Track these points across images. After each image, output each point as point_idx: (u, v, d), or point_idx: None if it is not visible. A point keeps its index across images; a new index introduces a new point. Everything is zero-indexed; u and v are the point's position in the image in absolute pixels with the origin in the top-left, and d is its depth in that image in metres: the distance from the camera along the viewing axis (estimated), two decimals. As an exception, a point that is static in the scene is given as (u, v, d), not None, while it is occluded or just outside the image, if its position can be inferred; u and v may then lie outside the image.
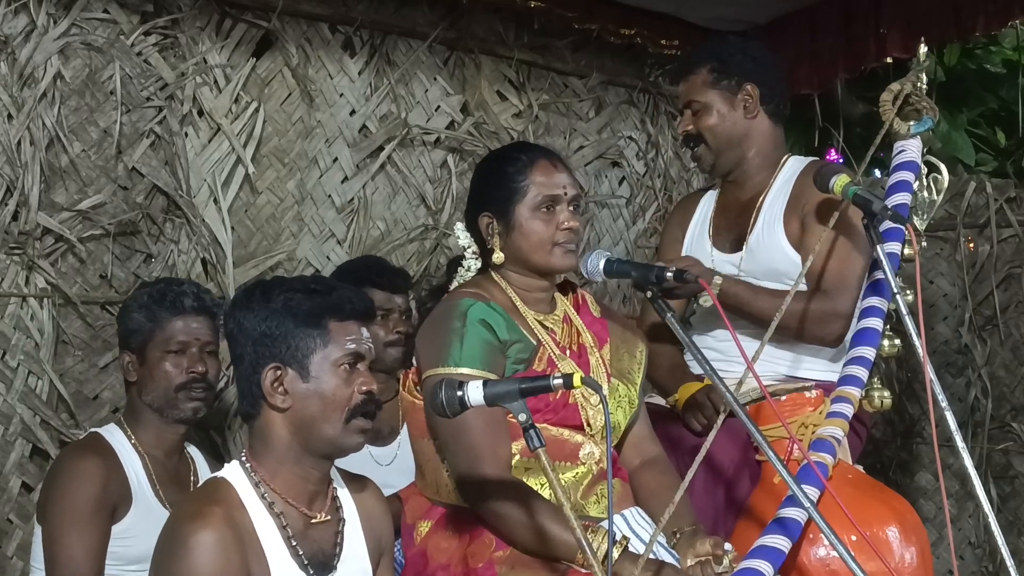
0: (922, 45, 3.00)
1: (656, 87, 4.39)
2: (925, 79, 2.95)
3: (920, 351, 2.27)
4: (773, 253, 2.72)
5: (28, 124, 2.93)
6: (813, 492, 2.23)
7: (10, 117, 2.92)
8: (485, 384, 1.85)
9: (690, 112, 2.82)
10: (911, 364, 4.18)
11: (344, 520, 2.03)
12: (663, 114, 4.42)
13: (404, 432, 2.87)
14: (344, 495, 2.07)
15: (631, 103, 4.36)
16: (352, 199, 3.61)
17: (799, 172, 2.76)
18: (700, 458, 2.09)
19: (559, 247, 2.27)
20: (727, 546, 2.15)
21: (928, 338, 3.02)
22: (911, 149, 2.89)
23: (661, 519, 2.07)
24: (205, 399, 2.57)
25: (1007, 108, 6.16)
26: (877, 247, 2.42)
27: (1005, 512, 4.10)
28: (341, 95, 3.61)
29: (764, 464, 2.54)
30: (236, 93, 3.35)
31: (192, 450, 2.70)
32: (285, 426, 1.93)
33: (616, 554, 2.04)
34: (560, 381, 1.83)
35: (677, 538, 2.20)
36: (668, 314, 2.20)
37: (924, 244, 2.82)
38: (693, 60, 2.88)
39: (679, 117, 2.93)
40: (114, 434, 2.52)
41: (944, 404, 2.27)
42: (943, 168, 2.94)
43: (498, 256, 2.30)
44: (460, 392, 1.85)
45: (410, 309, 3.20)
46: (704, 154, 2.83)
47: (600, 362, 2.33)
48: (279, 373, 1.91)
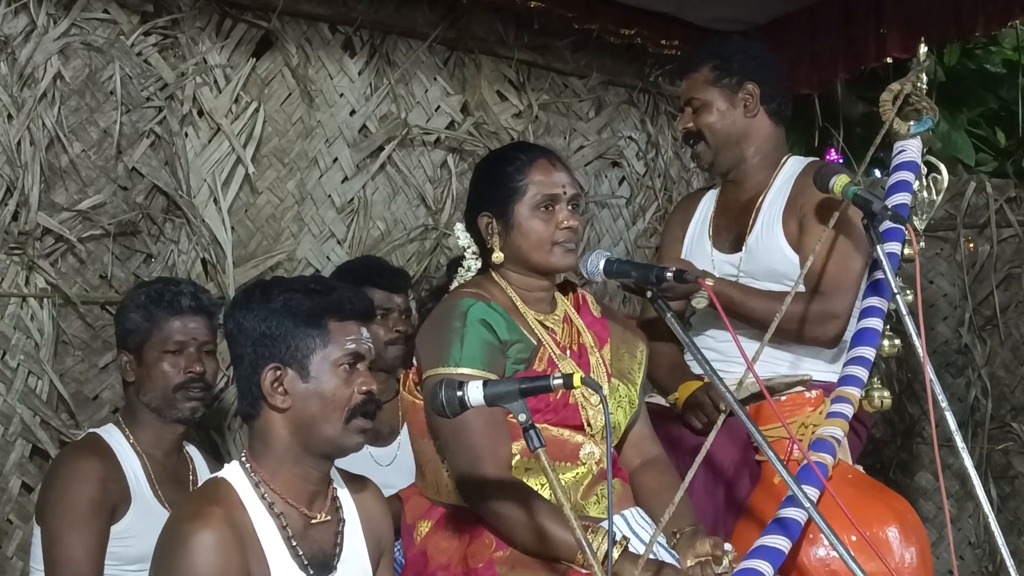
0: (922, 45, 3.00)
1: (656, 87, 4.39)
2: (925, 79, 2.96)
3: (920, 351, 2.27)
4: (772, 254, 2.72)
5: (28, 124, 2.93)
6: (813, 492, 2.23)
7: (10, 117, 2.92)
8: (485, 384, 1.85)
9: (690, 109, 2.83)
10: (911, 364, 4.17)
11: (344, 520, 2.03)
12: (663, 114, 4.42)
13: (404, 432, 2.87)
14: (344, 495, 2.07)
15: (631, 103, 4.36)
16: (352, 199, 3.61)
17: (798, 172, 2.76)
18: (700, 458, 2.09)
19: (559, 246, 2.26)
20: (727, 546, 2.14)
21: (928, 338, 3.02)
22: (911, 149, 2.90)
23: (661, 519, 2.07)
24: (203, 399, 2.57)
25: (1007, 108, 6.15)
26: (877, 247, 2.42)
27: (1005, 512, 4.10)
28: (341, 95, 3.61)
29: (764, 464, 2.53)
30: (236, 93, 3.35)
31: (191, 450, 2.70)
32: (285, 426, 1.93)
33: (616, 554, 2.04)
34: (560, 381, 1.83)
35: (677, 538, 2.20)
36: (668, 314, 2.20)
37: (923, 244, 2.81)
38: (695, 58, 2.89)
39: (679, 115, 2.94)
40: (112, 434, 2.52)
41: (944, 404, 2.27)
42: (943, 168, 2.94)
43: (498, 256, 2.30)
44: (460, 392, 1.85)
45: (410, 309, 3.20)
46: (703, 152, 2.83)
47: (600, 362, 2.33)
48: (279, 373, 1.91)
